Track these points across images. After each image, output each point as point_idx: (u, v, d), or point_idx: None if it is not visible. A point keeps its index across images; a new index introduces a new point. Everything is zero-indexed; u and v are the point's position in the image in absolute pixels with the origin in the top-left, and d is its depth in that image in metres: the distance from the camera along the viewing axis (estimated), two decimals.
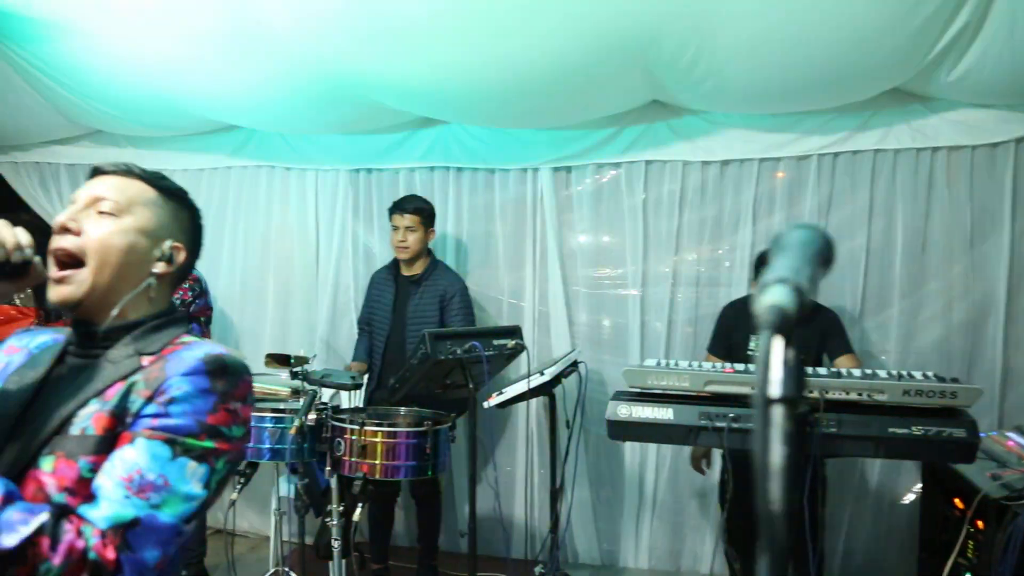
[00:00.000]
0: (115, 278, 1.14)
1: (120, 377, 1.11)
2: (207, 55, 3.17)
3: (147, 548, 1.01)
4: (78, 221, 1.14)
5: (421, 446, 2.63)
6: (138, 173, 1.21)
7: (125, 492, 1.01)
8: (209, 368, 1.09)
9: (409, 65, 3.00)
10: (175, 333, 1.20)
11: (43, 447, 1.06)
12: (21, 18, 3.21)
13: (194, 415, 1.07)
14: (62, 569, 0.95)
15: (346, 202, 4.02)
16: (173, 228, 1.23)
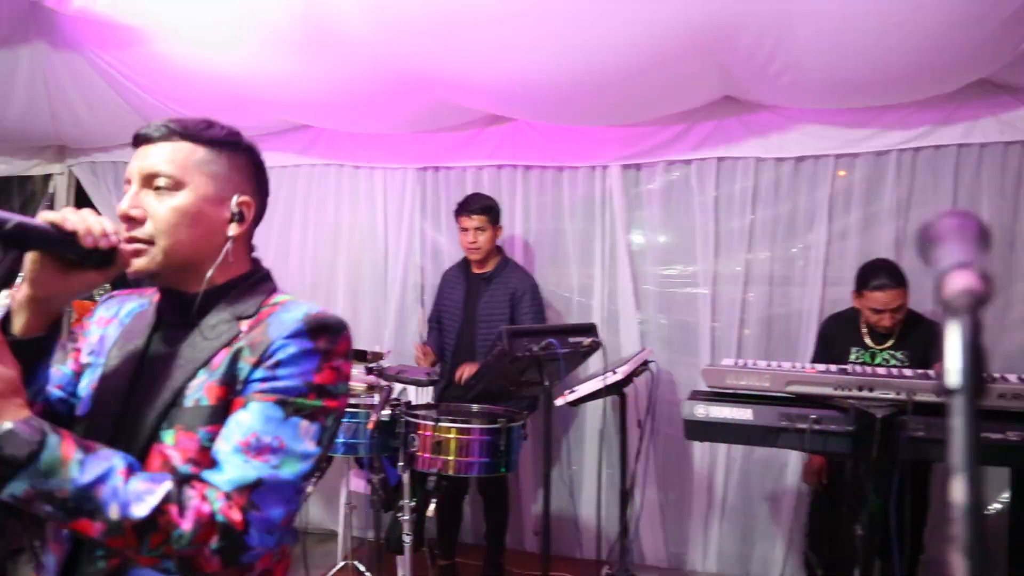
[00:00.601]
0: (190, 252, 1.14)
1: (223, 345, 1.12)
2: (280, 55, 3.23)
3: (272, 506, 1.04)
4: (139, 206, 1.12)
5: (495, 443, 2.64)
6: (182, 132, 1.15)
7: (244, 456, 1.04)
8: (310, 328, 1.10)
9: (481, 62, 3.00)
10: (266, 291, 1.20)
11: (161, 421, 1.09)
12: (107, 25, 3.33)
13: (301, 376, 1.08)
14: (194, 534, 0.97)
15: (414, 200, 4.06)
16: (235, 181, 1.19)
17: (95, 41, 3.55)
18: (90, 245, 1.03)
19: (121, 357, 1.18)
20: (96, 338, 1.24)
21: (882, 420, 2.22)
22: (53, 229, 1.01)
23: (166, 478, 1.00)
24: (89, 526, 0.94)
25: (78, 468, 0.94)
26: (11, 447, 0.90)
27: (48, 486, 0.92)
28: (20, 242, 0.98)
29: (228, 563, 1.01)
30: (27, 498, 0.92)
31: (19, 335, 1.05)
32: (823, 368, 2.55)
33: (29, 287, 1.04)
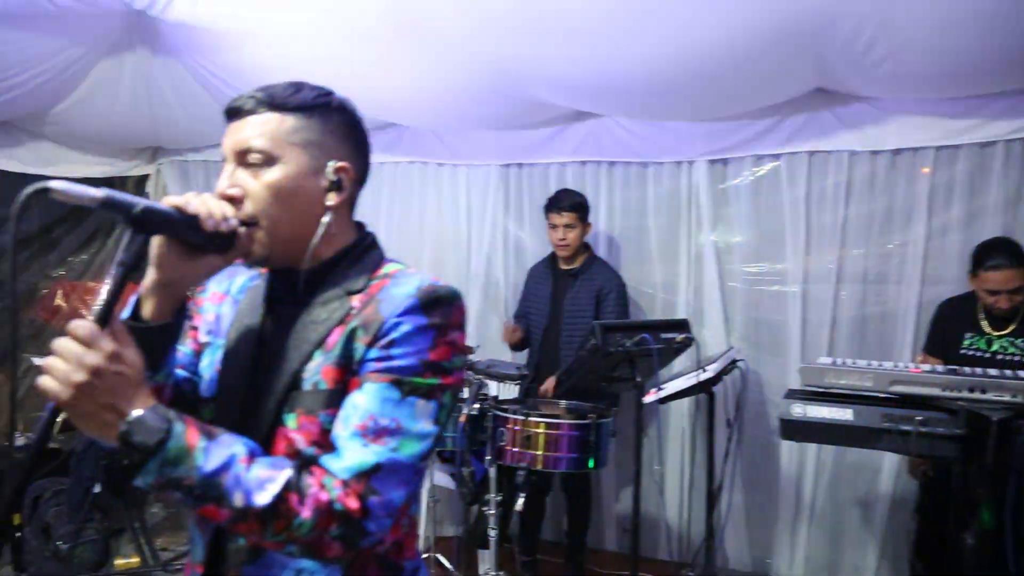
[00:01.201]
0: (292, 229, 1.11)
1: (336, 323, 1.10)
2: (369, 54, 3.28)
3: (393, 489, 1.03)
4: (237, 185, 1.09)
5: (584, 439, 2.63)
6: (269, 102, 1.10)
7: (363, 440, 1.02)
8: (423, 303, 1.07)
9: (568, 58, 2.99)
10: (374, 261, 1.17)
11: (282, 405, 1.09)
12: (202, 30, 3.46)
13: (416, 354, 1.05)
14: (313, 522, 0.98)
15: (497, 197, 4.08)
16: (330, 147, 1.13)
17: (193, 46, 3.69)
18: (211, 229, 1.03)
19: (239, 337, 1.18)
20: (212, 316, 1.24)
21: (998, 423, 2.11)
22: (177, 213, 1.01)
23: (286, 464, 1.00)
24: (216, 512, 0.96)
25: (203, 456, 0.94)
26: (141, 435, 0.92)
27: (176, 474, 0.93)
28: (147, 225, 0.99)
29: (348, 549, 1.01)
30: (158, 485, 0.94)
31: (149, 321, 1.06)
32: (929, 368, 2.45)
33: (156, 271, 1.04)
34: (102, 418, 0.92)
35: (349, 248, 1.17)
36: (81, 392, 0.89)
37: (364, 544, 1.03)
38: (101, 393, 0.91)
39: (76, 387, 0.89)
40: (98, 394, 0.90)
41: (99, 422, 0.92)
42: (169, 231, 1.02)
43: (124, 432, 0.92)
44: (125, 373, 0.93)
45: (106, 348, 0.91)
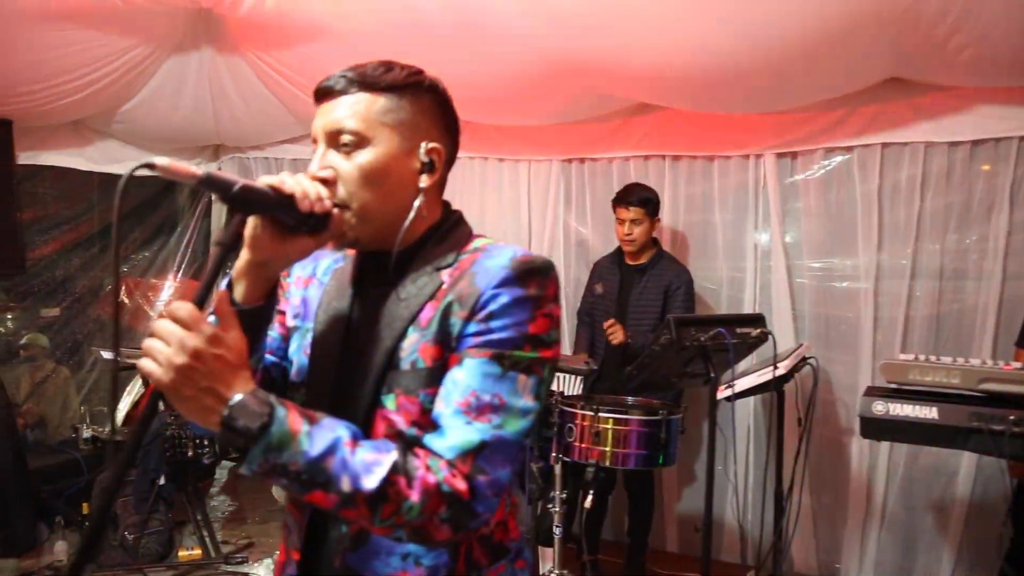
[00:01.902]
0: (384, 210, 1.09)
1: (427, 299, 1.07)
2: (432, 49, 3.27)
3: (499, 467, 1.00)
4: (328, 167, 1.07)
5: (654, 435, 2.58)
6: (361, 82, 1.08)
7: (466, 418, 1.00)
8: (518, 274, 1.04)
9: (636, 50, 2.95)
10: (462, 237, 1.15)
11: (380, 386, 1.07)
12: (267, 27, 3.49)
13: (515, 327, 1.02)
14: (422, 505, 0.96)
15: (558, 192, 4.05)
16: (422, 127, 1.11)
17: (257, 43, 3.73)
18: (306, 209, 1.01)
19: (328, 320, 1.16)
20: (298, 300, 1.23)
21: None
22: (273, 192, 1.00)
23: (391, 447, 0.98)
24: (324, 498, 0.94)
25: (307, 440, 0.92)
26: (244, 419, 0.90)
27: (281, 459, 0.91)
28: (245, 205, 0.98)
29: (457, 530, 0.99)
30: (263, 472, 0.92)
31: (242, 303, 1.04)
32: (1019, 366, 2.34)
33: (250, 252, 1.03)
34: (203, 402, 0.90)
35: (437, 225, 1.15)
36: (182, 375, 0.88)
37: (473, 526, 1.01)
38: (202, 376, 0.89)
39: (177, 370, 0.88)
40: (199, 377, 0.89)
41: (200, 406, 0.90)
42: (265, 211, 1.01)
43: (226, 417, 0.90)
44: (226, 357, 0.91)
45: (206, 331, 0.90)
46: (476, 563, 1.11)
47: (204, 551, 3.83)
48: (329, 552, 1.11)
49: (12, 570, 3.74)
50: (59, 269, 4.91)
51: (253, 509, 4.61)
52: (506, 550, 1.15)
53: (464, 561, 1.10)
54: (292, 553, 1.16)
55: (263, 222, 1.02)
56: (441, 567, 1.08)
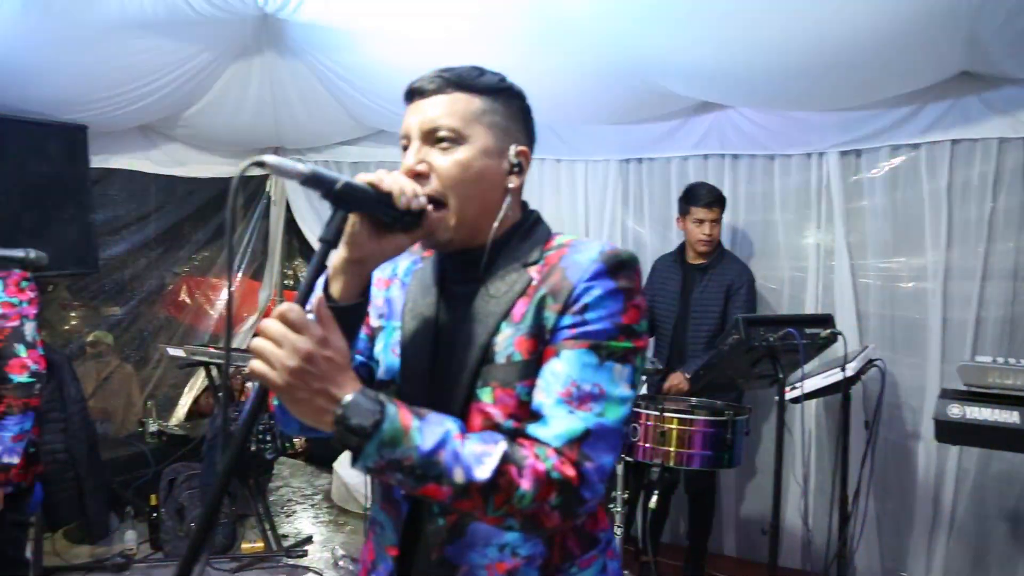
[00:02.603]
0: (476, 208, 1.11)
1: (517, 295, 1.10)
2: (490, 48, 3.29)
3: (603, 454, 1.02)
4: (425, 162, 1.10)
5: (719, 436, 2.55)
6: (457, 82, 1.11)
7: (568, 408, 1.02)
8: (609, 267, 1.06)
9: (696, 46, 2.92)
10: (543, 234, 1.18)
11: (475, 379, 1.08)
12: (329, 30, 3.56)
13: (609, 318, 1.05)
14: (534, 493, 0.97)
15: (615, 192, 4.03)
16: (512, 130, 1.15)
17: (319, 47, 3.80)
18: (403, 206, 1.03)
19: (416, 319, 1.18)
20: (381, 300, 1.25)
21: None
22: (372, 190, 1.02)
23: (499, 438, 1.00)
24: (437, 491, 0.95)
25: (419, 435, 0.94)
26: (357, 417, 0.92)
27: (395, 455, 0.93)
28: (346, 202, 1.00)
29: (567, 517, 1.00)
30: (378, 468, 0.94)
31: (338, 300, 1.06)
32: None
33: (347, 249, 1.05)
34: (316, 403, 0.92)
35: (518, 225, 1.17)
36: (297, 378, 0.90)
37: (581, 512, 1.02)
38: (314, 378, 0.91)
39: (291, 373, 0.90)
40: (311, 379, 0.91)
41: (313, 407, 0.93)
42: (364, 208, 1.03)
43: (340, 416, 0.92)
44: (335, 358, 0.94)
45: (316, 333, 0.92)
46: (570, 553, 1.12)
47: (266, 544, 3.92)
48: (426, 546, 1.13)
49: (86, 556, 3.88)
50: (128, 268, 5.07)
51: (311, 506, 4.70)
52: (596, 540, 1.16)
53: (559, 551, 1.11)
54: (388, 550, 1.17)
55: (361, 219, 1.04)
56: (537, 557, 1.10)
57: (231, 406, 4.33)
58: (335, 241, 1.00)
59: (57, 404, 3.67)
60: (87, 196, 4.10)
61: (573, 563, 1.12)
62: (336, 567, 3.80)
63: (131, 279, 5.11)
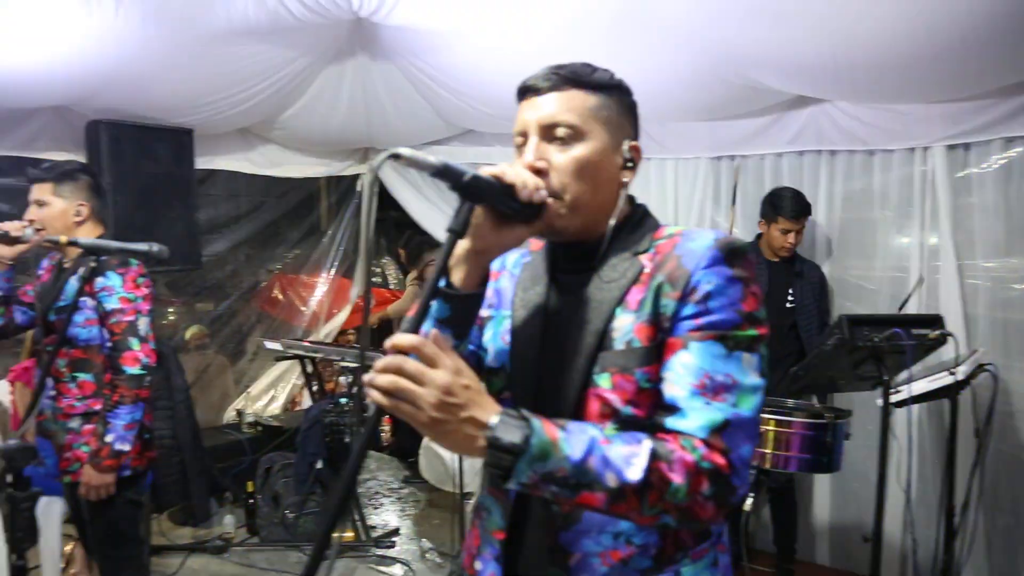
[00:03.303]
0: (592, 202, 1.13)
1: (630, 282, 1.11)
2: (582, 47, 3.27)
3: (742, 444, 1.03)
4: (544, 158, 1.12)
5: (818, 439, 2.48)
6: (573, 79, 1.13)
7: (704, 399, 1.03)
8: (725, 254, 1.07)
9: (793, 38, 2.84)
10: (651, 225, 1.19)
11: (592, 365, 1.10)
12: (417, 32, 3.63)
13: (732, 307, 1.05)
14: (687, 485, 0.98)
15: (705, 190, 3.96)
16: (624, 126, 1.16)
17: (410, 49, 3.88)
18: (526, 199, 1.06)
19: (526, 307, 1.21)
20: (491, 291, 1.27)
21: None
22: (496, 182, 1.04)
23: (642, 436, 1.01)
24: (592, 498, 0.96)
25: (567, 445, 0.95)
26: (507, 436, 0.93)
27: (547, 468, 0.94)
28: (473, 194, 1.03)
29: (720, 507, 1.00)
30: (532, 483, 0.94)
31: (460, 288, 1.10)
32: None
33: (471, 240, 1.08)
34: (464, 432, 0.93)
35: (627, 217, 1.19)
36: (444, 412, 0.91)
37: (733, 501, 1.02)
38: (460, 409, 0.92)
39: (437, 408, 0.90)
40: (457, 411, 0.92)
41: (462, 436, 0.93)
42: (489, 200, 1.06)
43: (491, 439, 0.93)
44: (471, 384, 0.95)
45: (448, 363, 0.93)
46: (683, 544, 1.12)
47: (356, 534, 4.02)
48: (537, 531, 1.14)
49: (188, 537, 4.08)
50: (226, 265, 5.31)
51: (398, 499, 4.80)
52: (708, 532, 1.16)
53: (672, 541, 1.11)
54: (494, 533, 1.19)
55: (484, 211, 1.07)
56: (650, 546, 1.10)
57: (325, 399, 4.48)
58: (462, 232, 1.03)
59: (164, 393, 3.85)
60: (192, 196, 4.32)
61: (685, 554, 1.12)
62: (423, 559, 3.87)
63: (229, 275, 5.35)
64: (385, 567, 3.79)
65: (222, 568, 3.77)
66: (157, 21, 3.13)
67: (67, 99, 3.77)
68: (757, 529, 3.72)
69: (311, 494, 4.04)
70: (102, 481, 2.35)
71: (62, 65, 3.27)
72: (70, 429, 2.45)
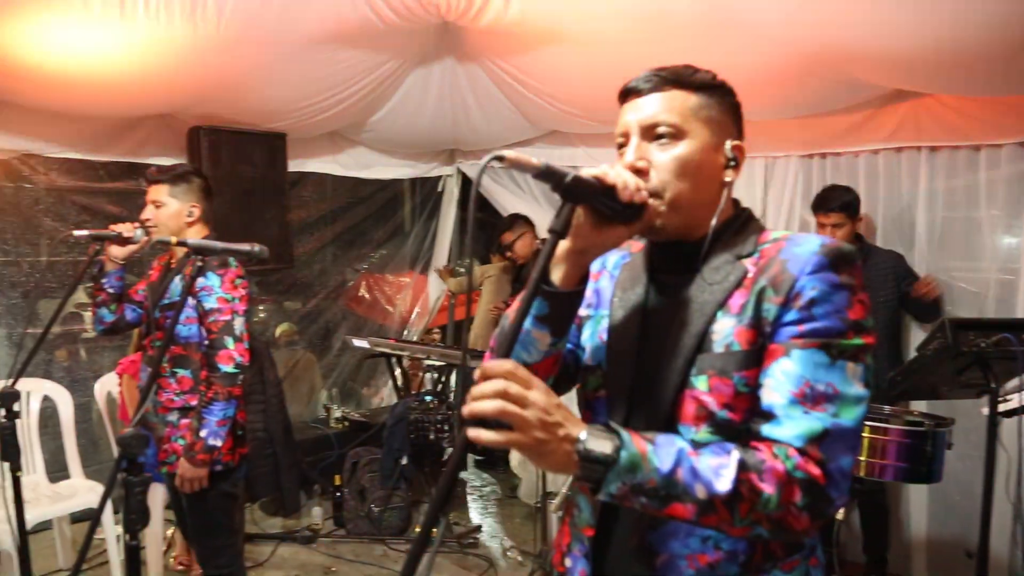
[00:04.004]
0: (694, 202, 1.13)
1: (733, 286, 1.10)
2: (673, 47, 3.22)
3: (841, 455, 1.00)
4: (644, 158, 1.12)
5: (918, 448, 2.37)
6: (674, 80, 1.13)
7: (803, 408, 1.01)
8: (831, 260, 1.04)
9: (893, 29, 2.72)
10: (755, 229, 1.17)
11: (689, 367, 1.09)
12: (503, 34, 3.65)
13: (837, 315, 1.02)
14: (778, 495, 0.96)
15: (796, 189, 3.85)
16: (727, 125, 1.16)
17: (496, 51, 3.92)
18: (626, 199, 1.06)
19: (625, 306, 1.21)
20: (590, 291, 1.29)
21: None
22: (598, 183, 1.05)
23: (730, 447, 1.00)
24: (682, 509, 0.96)
25: (655, 457, 0.95)
26: (598, 447, 0.93)
27: (636, 479, 0.94)
28: (574, 195, 1.04)
29: (815, 518, 0.99)
30: (621, 495, 0.95)
31: (559, 287, 1.11)
32: None
33: (572, 239, 1.09)
34: (563, 449, 0.94)
35: (731, 220, 1.17)
36: (545, 432, 0.92)
37: (829, 512, 1.00)
38: (558, 427, 0.93)
39: (540, 429, 0.92)
40: (557, 429, 0.93)
41: (562, 454, 0.94)
42: (590, 200, 1.07)
43: (583, 452, 0.94)
44: (560, 402, 0.96)
45: (540, 383, 0.94)
46: (772, 554, 1.10)
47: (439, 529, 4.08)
48: (626, 529, 1.15)
49: (278, 527, 4.23)
50: (315, 265, 5.48)
51: (480, 497, 4.85)
52: (801, 544, 1.13)
53: (761, 550, 1.10)
54: (584, 531, 1.21)
55: (585, 211, 1.08)
56: (739, 553, 1.09)
57: (409, 396, 4.57)
58: (564, 232, 1.04)
59: (258, 387, 4.02)
60: (285, 198, 4.48)
61: (775, 565, 1.10)
62: (504, 557, 3.90)
63: (318, 275, 5.52)
64: (467, 564, 3.84)
65: (310, 558, 3.89)
66: (255, 32, 3.26)
67: (171, 107, 3.98)
68: (848, 540, 3.60)
69: (395, 489, 4.13)
70: (196, 474, 2.45)
71: (168, 76, 3.46)
72: (169, 422, 2.56)
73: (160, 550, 3.43)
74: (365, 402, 5.76)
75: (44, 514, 3.28)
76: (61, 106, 3.59)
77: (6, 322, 4.02)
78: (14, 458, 2.22)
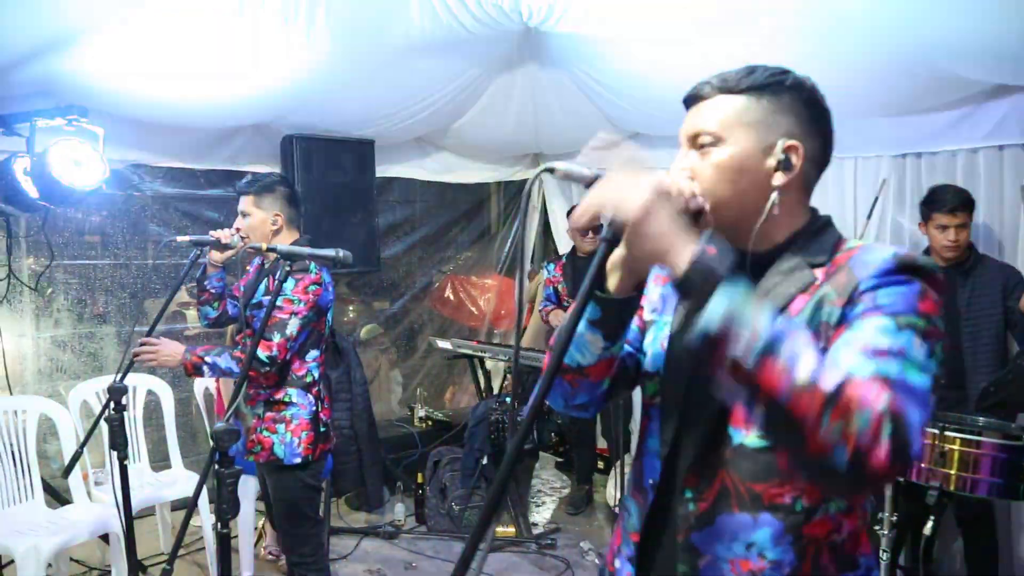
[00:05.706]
0: (737, 207, 1.10)
1: (798, 291, 1.07)
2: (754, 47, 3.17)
3: (911, 407, 0.88)
4: (687, 168, 1.12)
5: (1014, 463, 2.25)
6: (720, 86, 1.11)
7: (870, 356, 0.92)
8: (901, 266, 1.00)
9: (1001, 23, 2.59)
10: (831, 238, 1.12)
11: None
12: (585, 38, 3.67)
13: (904, 300, 0.97)
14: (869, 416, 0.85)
15: (889, 190, 3.69)
16: (780, 125, 1.10)
17: (578, 56, 3.94)
18: (680, 207, 1.04)
19: (685, 314, 1.17)
20: (656, 296, 1.28)
21: None
22: None
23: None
24: (775, 374, 0.86)
25: (769, 314, 0.89)
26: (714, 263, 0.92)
27: (741, 321, 0.87)
28: None
29: (895, 459, 0.85)
30: (719, 336, 0.88)
31: (613, 294, 1.12)
32: None
33: (626, 247, 1.06)
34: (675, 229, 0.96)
35: (801, 230, 1.13)
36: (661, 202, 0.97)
37: (909, 456, 0.87)
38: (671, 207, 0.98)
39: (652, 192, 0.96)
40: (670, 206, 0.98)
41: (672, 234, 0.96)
42: None
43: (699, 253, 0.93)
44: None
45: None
46: (823, 569, 1.07)
47: (517, 529, 4.13)
48: (673, 529, 1.14)
49: (362, 522, 4.38)
50: (401, 267, 5.64)
51: (560, 499, 4.87)
52: (856, 563, 1.10)
53: (811, 564, 1.06)
54: (631, 535, 1.22)
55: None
56: (785, 564, 1.06)
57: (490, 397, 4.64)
58: (616, 241, 1.03)
59: (345, 386, 4.18)
60: (372, 202, 4.63)
61: None
62: (583, 558, 3.91)
63: (404, 276, 5.68)
64: (544, 565, 3.87)
65: (392, 552, 4.00)
66: (342, 43, 3.39)
67: (265, 118, 4.18)
68: (944, 557, 3.42)
69: (476, 488, 4.20)
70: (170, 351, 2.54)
71: (263, 88, 3.65)
72: (256, 414, 2.69)
73: (251, 539, 3.61)
74: (454, 401, 5.88)
75: (147, 499, 3.52)
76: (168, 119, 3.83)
77: (116, 321, 4.33)
78: (122, 448, 2.41)
